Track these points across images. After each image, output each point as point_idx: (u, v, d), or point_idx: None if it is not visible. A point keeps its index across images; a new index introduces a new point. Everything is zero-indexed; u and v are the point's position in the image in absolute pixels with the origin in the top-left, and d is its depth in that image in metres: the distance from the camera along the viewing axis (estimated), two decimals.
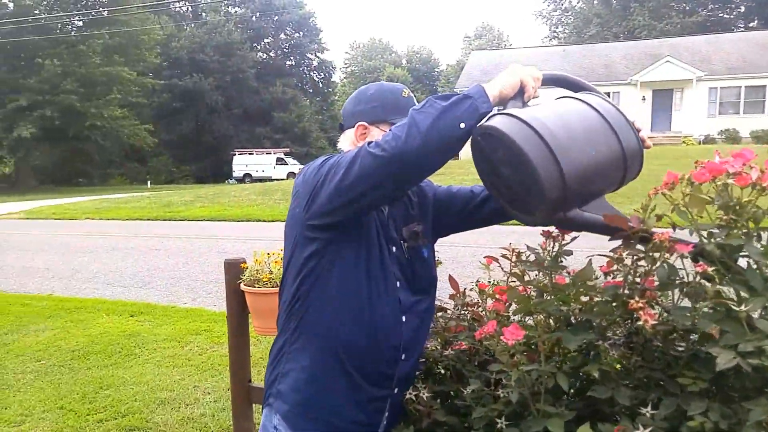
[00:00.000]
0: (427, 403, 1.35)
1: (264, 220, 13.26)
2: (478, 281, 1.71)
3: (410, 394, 1.40)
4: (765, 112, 23.60)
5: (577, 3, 46.17)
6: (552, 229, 1.21)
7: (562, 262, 1.13)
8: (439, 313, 1.63)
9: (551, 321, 1.15)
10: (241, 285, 2.64)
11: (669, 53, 25.67)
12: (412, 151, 1.09)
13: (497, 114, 1.12)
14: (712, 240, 0.98)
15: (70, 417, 3.39)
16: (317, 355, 1.32)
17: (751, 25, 36.70)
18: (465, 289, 1.72)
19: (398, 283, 1.37)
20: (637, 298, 0.98)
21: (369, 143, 1.15)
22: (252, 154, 34.35)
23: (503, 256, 1.41)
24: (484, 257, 1.56)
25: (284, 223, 1.42)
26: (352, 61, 56.52)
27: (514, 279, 1.41)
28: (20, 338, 4.91)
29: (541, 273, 1.17)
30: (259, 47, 44.00)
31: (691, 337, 1.05)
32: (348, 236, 1.30)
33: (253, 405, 2.90)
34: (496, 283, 1.70)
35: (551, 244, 1.14)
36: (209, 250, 9.23)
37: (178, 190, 25.61)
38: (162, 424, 3.33)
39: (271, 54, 45.14)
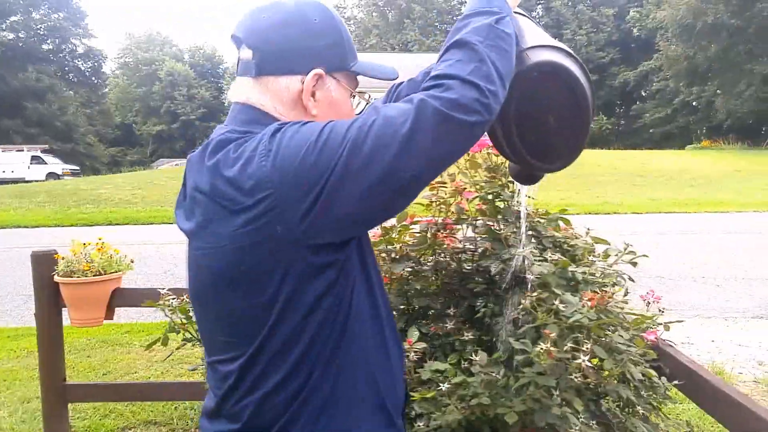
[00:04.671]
0: None
1: (26, 226, 11.51)
2: None
3: None
4: None
5: (359, 13, 49.33)
6: None
7: None
8: None
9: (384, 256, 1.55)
10: (55, 277, 2.53)
11: None
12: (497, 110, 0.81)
13: (550, 48, 0.94)
14: (483, 190, 1.48)
15: None
16: (367, 417, 0.91)
17: None
18: None
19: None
20: (441, 231, 1.43)
21: (430, 97, 0.77)
22: None
23: None
24: None
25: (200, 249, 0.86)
26: (127, 51, 51.37)
27: None
28: None
29: None
30: (3, 26, 37.15)
31: (474, 258, 1.55)
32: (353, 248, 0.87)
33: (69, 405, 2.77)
34: None
35: None
36: None
37: None
38: None
39: (21, 35, 38.51)
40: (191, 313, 1.82)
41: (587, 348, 1.12)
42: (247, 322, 0.84)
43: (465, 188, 1.48)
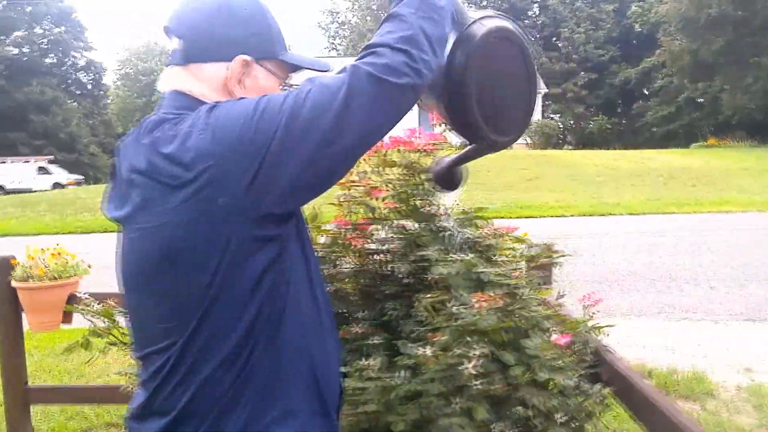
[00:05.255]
0: None
1: (27, 234, 11.57)
2: None
3: None
4: None
5: (353, 17, 49.21)
6: None
7: None
8: None
9: None
10: (12, 282, 2.54)
11: None
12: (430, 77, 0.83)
13: (499, 17, 1.02)
14: (398, 189, 1.43)
15: None
16: (305, 402, 0.89)
17: None
18: None
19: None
20: (352, 232, 1.38)
21: (363, 64, 0.80)
22: (5, 162, 29.31)
23: None
24: None
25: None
26: (126, 63, 51.75)
27: None
28: None
29: None
30: (7, 41, 37.60)
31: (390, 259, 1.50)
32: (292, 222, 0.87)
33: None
34: None
35: None
36: None
37: None
38: None
39: (24, 50, 38.96)
40: (116, 317, 1.79)
41: (477, 353, 1.06)
42: (189, 301, 0.81)
43: (376, 187, 1.43)
